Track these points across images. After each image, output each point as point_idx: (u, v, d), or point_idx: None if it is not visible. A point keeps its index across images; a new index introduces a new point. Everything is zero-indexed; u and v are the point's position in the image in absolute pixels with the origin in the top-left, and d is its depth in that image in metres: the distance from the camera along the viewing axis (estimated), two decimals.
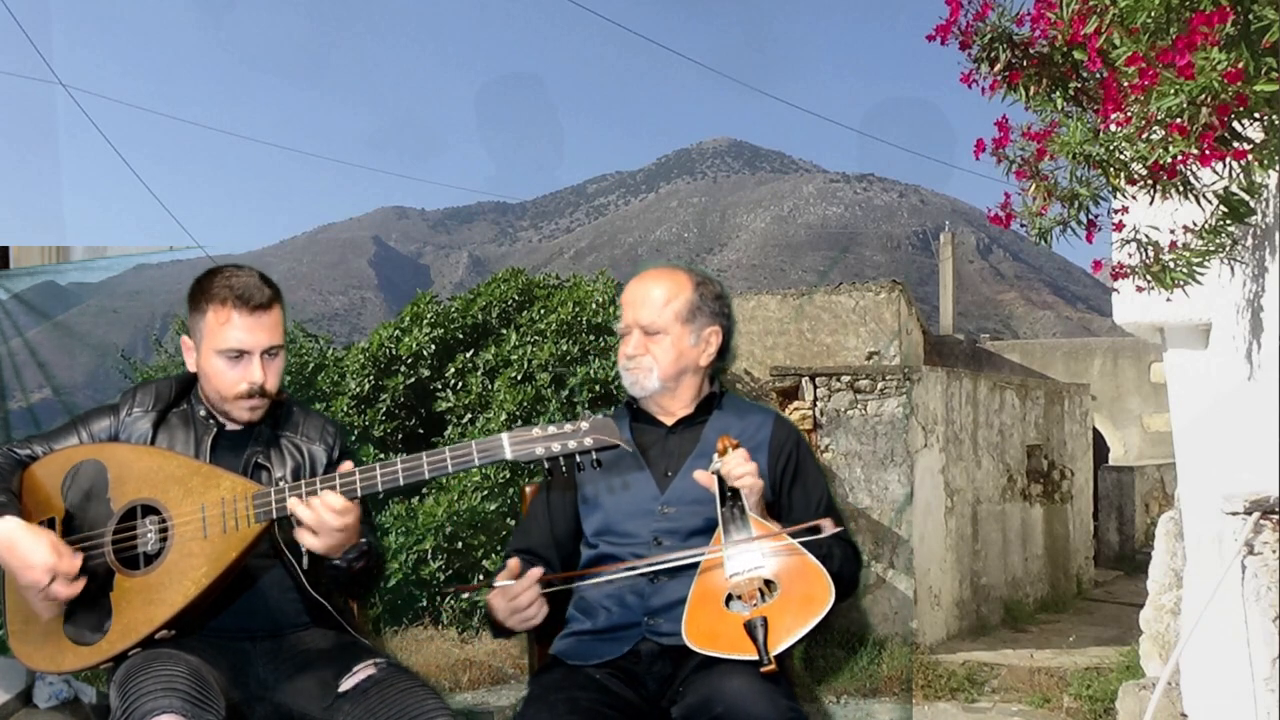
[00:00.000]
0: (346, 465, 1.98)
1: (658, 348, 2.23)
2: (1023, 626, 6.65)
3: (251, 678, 2.05)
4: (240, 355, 2.09)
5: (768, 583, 1.95)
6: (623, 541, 2.17)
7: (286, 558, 2.07)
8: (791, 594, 1.94)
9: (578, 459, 1.90)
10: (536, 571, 2.06)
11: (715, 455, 2.08)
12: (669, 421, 2.26)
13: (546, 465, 1.90)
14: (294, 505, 1.91)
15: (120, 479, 2.04)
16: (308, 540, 1.93)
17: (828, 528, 2.06)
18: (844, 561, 2.11)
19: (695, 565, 2.04)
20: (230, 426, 2.19)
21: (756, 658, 1.84)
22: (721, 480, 2.05)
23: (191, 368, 2.19)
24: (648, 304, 2.24)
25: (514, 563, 2.11)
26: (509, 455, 1.89)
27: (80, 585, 1.94)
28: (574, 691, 2.01)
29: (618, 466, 2.17)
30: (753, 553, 1.99)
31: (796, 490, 2.21)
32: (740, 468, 2.03)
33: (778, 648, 1.86)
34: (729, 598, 1.96)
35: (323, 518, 1.90)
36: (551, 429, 1.90)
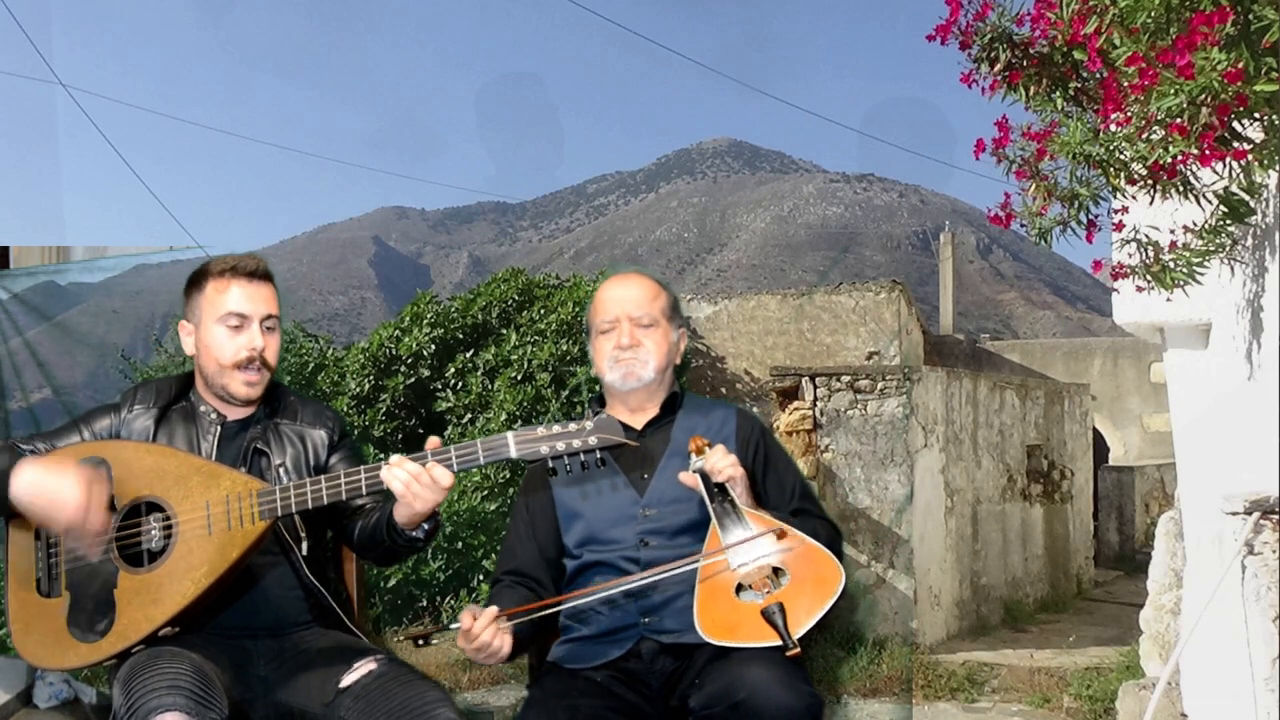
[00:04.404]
0: (434, 442, 1.98)
1: (650, 340, 2.25)
2: (1023, 626, 6.64)
3: (253, 676, 2.06)
4: (240, 323, 2.15)
5: (776, 570, 1.96)
6: (608, 548, 2.16)
7: (293, 554, 2.10)
8: (803, 578, 1.94)
9: (582, 458, 1.91)
10: (491, 611, 2.01)
11: (692, 455, 2.10)
12: (639, 424, 2.26)
13: (551, 464, 1.91)
14: (386, 477, 1.93)
15: (123, 476, 2.04)
16: (399, 513, 1.97)
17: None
18: (829, 537, 2.16)
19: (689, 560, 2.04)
20: (231, 417, 2.20)
21: (779, 644, 1.84)
22: (705, 478, 2.07)
23: (189, 350, 2.22)
24: (638, 299, 2.27)
25: (492, 610, 2.03)
26: (514, 454, 1.90)
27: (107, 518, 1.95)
28: (575, 699, 2.00)
29: (593, 476, 2.15)
30: (754, 543, 2.00)
31: (770, 478, 2.24)
32: (722, 461, 2.06)
33: (799, 631, 1.86)
34: (739, 587, 1.96)
35: (419, 491, 1.92)
36: (556, 428, 1.92)
